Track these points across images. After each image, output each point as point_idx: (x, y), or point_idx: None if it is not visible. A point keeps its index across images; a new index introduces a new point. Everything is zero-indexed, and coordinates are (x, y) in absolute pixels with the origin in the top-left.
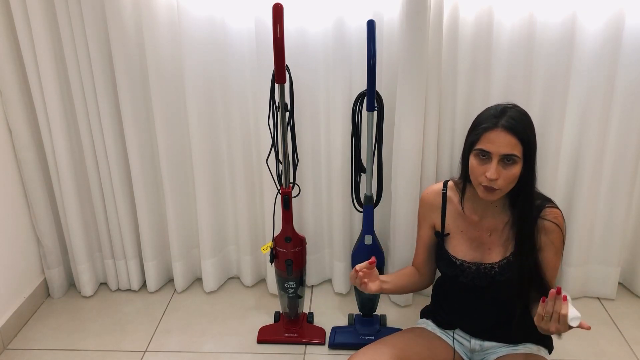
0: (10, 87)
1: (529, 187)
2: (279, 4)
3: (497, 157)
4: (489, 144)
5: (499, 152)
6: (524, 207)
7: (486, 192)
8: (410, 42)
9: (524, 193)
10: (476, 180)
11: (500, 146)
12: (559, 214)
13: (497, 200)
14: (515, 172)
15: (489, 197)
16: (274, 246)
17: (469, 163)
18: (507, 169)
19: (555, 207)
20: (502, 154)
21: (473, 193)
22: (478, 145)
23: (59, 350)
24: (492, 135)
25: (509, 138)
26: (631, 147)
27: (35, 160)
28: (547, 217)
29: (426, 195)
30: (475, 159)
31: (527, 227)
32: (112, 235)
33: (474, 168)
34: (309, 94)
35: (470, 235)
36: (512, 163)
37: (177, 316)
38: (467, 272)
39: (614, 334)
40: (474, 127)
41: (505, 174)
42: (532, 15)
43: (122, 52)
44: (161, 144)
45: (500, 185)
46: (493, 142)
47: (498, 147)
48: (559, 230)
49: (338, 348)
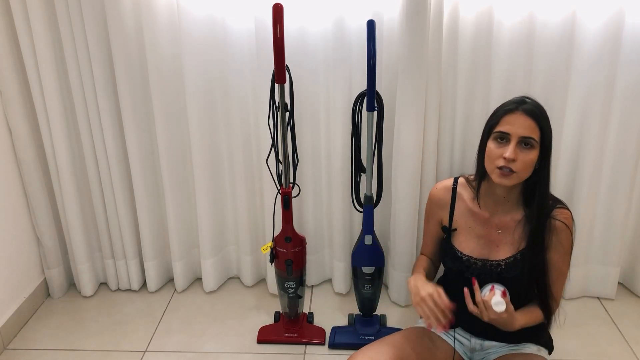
0: (10, 87)
1: (545, 183)
2: (279, 4)
3: (515, 139)
4: (509, 125)
5: (518, 133)
6: (540, 203)
7: (502, 176)
8: (410, 42)
9: (540, 189)
10: (492, 164)
11: (519, 127)
12: (569, 215)
13: (510, 197)
14: (532, 157)
15: (504, 182)
16: (274, 246)
17: (486, 149)
18: (524, 153)
19: (566, 208)
20: (521, 136)
21: (486, 189)
22: (497, 127)
23: (59, 350)
24: (512, 117)
25: (529, 121)
26: (631, 147)
27: (35, 160)
28: (558, 217)
29: (436, 190)
30: (493, 142)
31: (540, 223)
32: (112, 235)
33: (491, 152)
34: (309, 94)
35: (478, 232)
36: (530, 148)
37: (177, 316)
38: (473, 268)
39: (614, 334)
40: (493, 114)
41: (522, 157)
42: (532, 15)
43: (122, 52)
44: (161, 144)
45: (517, 168)
46: (512, 124)
47: (517, 129)
48: (568, 231)
49: (338, 348)
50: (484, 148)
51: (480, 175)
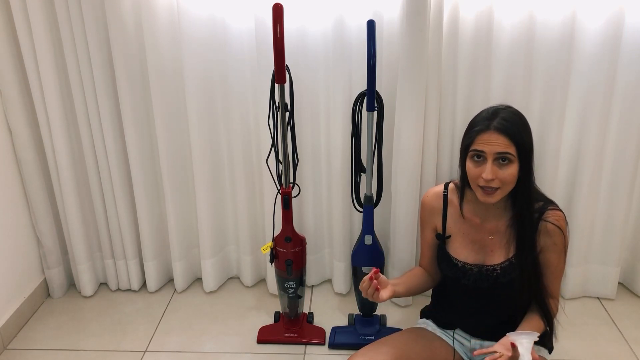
0: (10, 87)
1: (527, 187)
2: (279, 4)
3: (491, 157)
4: (482, 144)
5: (493, 150)
6: (522, 206)
7: (485, 195)
8: (410, 42)
9: (522, 193)
10: (474, 183)
11: (493, 145)
12: (561, 216)
13: (498, 202)
14: (512, 172)
15: (488, 200)
16: (274, 246)
17: (466, 166)
18: (503, 169)
19: (557, 209)
20: (496, 152)
21: (474, 195)
22: (472, 146)
23: (59, 350)
24: (485, 136)
25: (502, 138)
26: (631, 147)
27: (35, 160)
28: (549, 219)
29: (427, 198)
30: (470, 161)
31: (526, 226)
32: (112, 235)
33: (471, 170)
34: (309, 94)
35: (472, 238)
36: (508, 163)
37: (177, 316)
38: (469, 274)
39: (614, 334)
40: (467, 131)
41: (501, 174)
42: (531, 15)
43: (122, 52)
44: (161, 143)
45: (499, 185)
46: (486, 142)
47: (491, 147)
48: (561, 232)
49: (338, 348)
50: (464, 162)
51: (464, 185)
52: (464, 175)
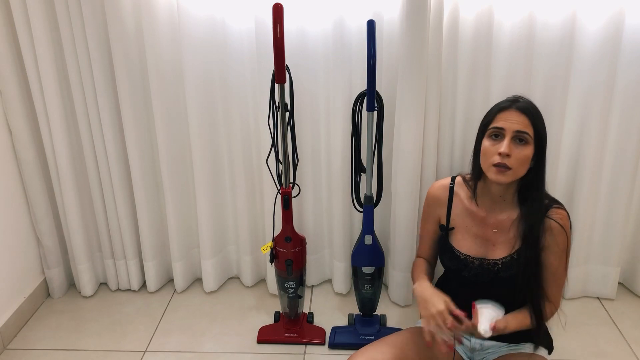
0: (10, 87)
1: (540, 181)
2: (279, 4)
3: (510, 134)
4: (503, 121)
5: (512, 128)
6: (534, 200)
7: (498, 173)
8: (410, 42)
9: (535, 186)
10: (488, 162)
11: (513, 123)
12: (565, 215)
13: (506, 195)
14: (527, 153)
15: (500, 179)
16: (274, 246)
17: (482, 147)
18: (519, 149)
19: (562, 208)
20: (515, 130)
21: (482, 188)
22: (492, 124)
23: (59, 350)
24: (506, 114)
25: (522, 117)
26: (631, 147)
27: (35, 160)
28: (553, 216)
29: (432, 189)
30: (488, 139)
31: (535, 222)
32: (112, 235)
33: (487, 149)
34: (309, 94)
35: (475, 231)
36: (525, 143)
37: (177, 316)
38: (471, 267)
39: (614, 334)
40: (488, 113)
41: (517, 152)
42: (532, 15)
43: (122, 52)
44: (161, 144)
45: (513, 164)
46: (506, 120)
47: (511, 124)
48: (564, 232)
49: (338, 348)
50: (480, 147)
51: (477, 175)
52: (477, 162)
